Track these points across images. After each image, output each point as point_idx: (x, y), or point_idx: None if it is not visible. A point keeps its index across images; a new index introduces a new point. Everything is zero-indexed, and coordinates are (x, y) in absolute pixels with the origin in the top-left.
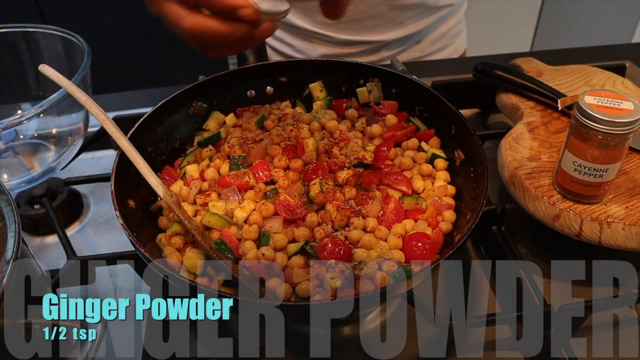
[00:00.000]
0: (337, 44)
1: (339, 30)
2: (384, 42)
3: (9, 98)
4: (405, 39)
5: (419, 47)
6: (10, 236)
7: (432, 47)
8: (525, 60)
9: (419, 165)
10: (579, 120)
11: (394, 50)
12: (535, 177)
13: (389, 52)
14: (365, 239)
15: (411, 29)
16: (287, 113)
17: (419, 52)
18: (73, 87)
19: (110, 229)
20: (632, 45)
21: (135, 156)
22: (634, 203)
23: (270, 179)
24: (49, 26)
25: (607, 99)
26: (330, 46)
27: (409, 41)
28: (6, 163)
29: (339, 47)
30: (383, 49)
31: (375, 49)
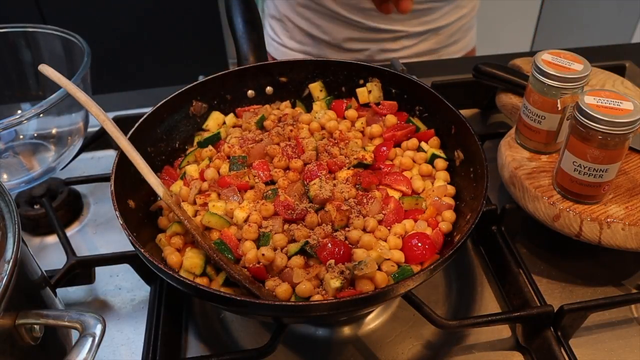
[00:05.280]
0: (364, 29)
1: (370, 17)
2: (406, 33)
3: (9, 98)
4: (428, 31)
5: (437, 39)
6: (10, 236)
7: (449, 40)
8: (525, 60)
9: (419, 165)
10: (579, 120)
11: (413, 40)
12: (535, 177)
13: (409, 42)
14: (365, 239)
15: (436, 23)
16: (287, 113)
17: (436, 44)
18: (73, 87)
19: (110, 229)
20: (632, 45)
21: (135, 156)
22: (633, 203)
23: (270, 179)
24: (49, 26)
25: (607, 99)
26: (355, 31)
27: (427, 33)
28: (6, 163)
29: (364, 33)
30: (404, 39)
31: (396, 38)
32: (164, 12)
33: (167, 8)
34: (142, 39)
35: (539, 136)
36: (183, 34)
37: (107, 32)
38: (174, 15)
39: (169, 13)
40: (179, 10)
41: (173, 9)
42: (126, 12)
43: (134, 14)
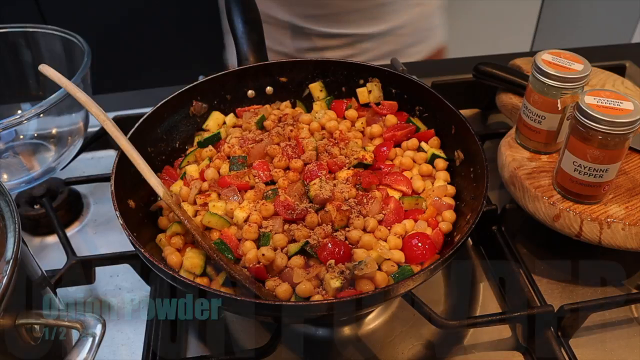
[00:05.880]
0: (317, 36)
1: (318, 23)
2: (363, 35)
3: (9, 98)
4: (385, 32)
5: (398, 40)
6: (10, 236)
7: (411, 39)
8: (525, 60)
9: (419, 165)
10: (579, 120)
11: (373, 43)
12: (535, 177)
13: (369, 44)
14: (365, 239)
15: (391, 23)
16: (287, 113)
17: (397, 45)
18: (73, 87)
19: (110, 229)
20: (632, 45)
21: (135, 156)
22: (633, 203)
23: (270, 179)
24: (49, 26)
25: (607, 99)
26: (309, 39)
27: (387, 34)
28: (6, 163)
29: (319, 40)
30: (362, 42)
31: (354, 41)
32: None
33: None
34: (142, 39)
35: (539, 136)
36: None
37: (108, 32)
38: (174, 15)
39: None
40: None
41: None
42: (126, 12)
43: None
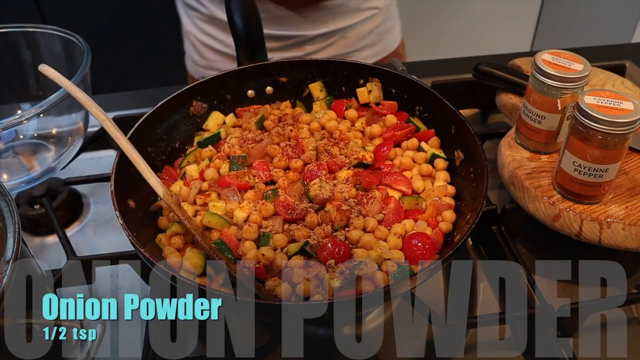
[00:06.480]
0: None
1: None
2: (307, 37)
3: (9, 98)
4: (329, 34)
5: (345, 42)
6: (10, 236)
7: (359, 43)
8: (525, 60)
9: (419, 165)
10: (579, 120)
11: (318, 45)
12: (535, 177)
13: (314, 47)
14: (365, 239)
15: (334, 25)
16: (287, 113)
17: (345, 48)
18: (73, 87)
19: (110, 229)
20: (632, 45)
21: (135, 156)
22: (633, 203)
23: (270, 179)
24: (49, 26)
25: (607, 99)
26: None
27: (333, 37)
28: (6, 163)
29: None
30: (307, 44)
31: (299, 43)
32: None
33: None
34: (142, 38)
35: (539, 136)
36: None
37: (107, 32)
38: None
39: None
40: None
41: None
42: (126, 12)
43: (134, 14)
